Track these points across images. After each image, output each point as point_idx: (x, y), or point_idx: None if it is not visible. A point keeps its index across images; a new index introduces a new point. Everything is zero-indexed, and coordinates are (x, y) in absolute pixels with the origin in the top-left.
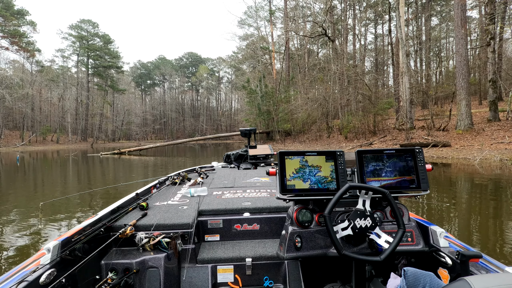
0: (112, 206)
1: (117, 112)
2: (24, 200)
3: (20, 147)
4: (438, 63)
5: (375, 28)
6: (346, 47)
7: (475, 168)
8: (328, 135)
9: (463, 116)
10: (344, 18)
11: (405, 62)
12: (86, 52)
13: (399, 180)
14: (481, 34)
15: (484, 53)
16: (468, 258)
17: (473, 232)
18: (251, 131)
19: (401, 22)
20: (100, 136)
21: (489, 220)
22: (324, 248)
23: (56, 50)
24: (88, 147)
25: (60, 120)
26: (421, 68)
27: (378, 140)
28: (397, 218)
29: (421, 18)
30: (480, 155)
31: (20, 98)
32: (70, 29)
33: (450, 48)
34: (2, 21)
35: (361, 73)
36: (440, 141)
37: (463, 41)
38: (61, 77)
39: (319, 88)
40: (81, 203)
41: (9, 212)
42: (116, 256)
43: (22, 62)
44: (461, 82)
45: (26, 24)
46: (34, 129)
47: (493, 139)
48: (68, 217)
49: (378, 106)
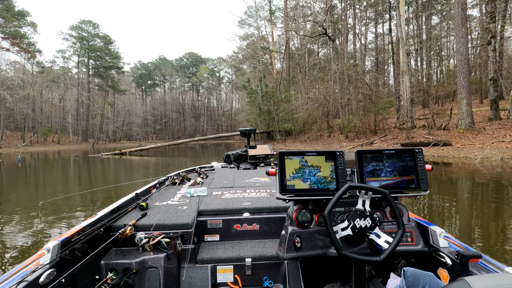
0: (111, 206)
1: (118, 113)
2: (25, 200)
3: (21, 148)
4: (438, 62)
5: (376, 27)
6: (346, 47)
7: (476, 167)
8: (328, 134)
9: (464, 115)
10: (344, 18)
11: (406, 61)
12: (87, 52)
13: (399, 180)
14: (482, 32)
15: (485, 52)
16: (468, 258)
17: (473, 232)
18: (250, 131)
19: (402, 21)
20: (101, 137)
21: (489, 220)
22: (324, 248)
23: (57, 51)
24: (89, 148)
25: (61, 121)
26: (421, 67)
27: (379, 139)
28: (396, 218)
29: (421, 17)
30: (481, 154)
31: (21, 99)
32: (71, 30)
33: (450, 47)
34: (3, 22)
35: (362, 72)
36: (441, 140)
37: (463, 39)
38: (61, 78)
39: (319, 87)
40: (81, 203)
41: (10, 212)
42: (115, 256)
43: (23, 63)
44: (462, 81)
45: (26, 25)
46: (35, 130)
47: (494, 138)
48: (68, 217)
49: (378, 106)
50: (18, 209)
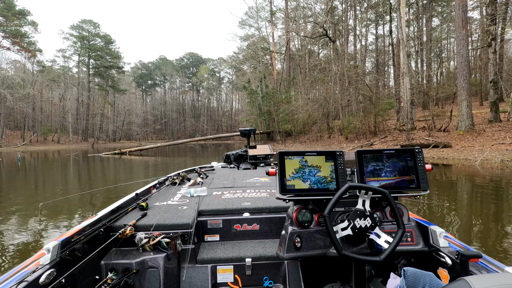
0: (111, 206)
1: (118, 112)
2: (24, 200)
3: (21, 147)
4: (439, 63)
5: (376, 28)
6: (347, 48)
7: (476, 169)
8: (328, 135)
9: (464, 117)
10: (345, 19)
11: (406, 63)
12: (87, 52)
13: (399, 180)
14: (482, 35)
15: (485, 54)
16: (468, 258)
17: (473, 232)
18: (250, 131)
19: (402, 23)
20: (101, 136)
21: (489, 220)
22: (324, 248)
23: (57, 50)
24: (89, 147)
25: (61, 120)
26: (422, 68)
27: (378, 140)
28: (396, 218)
29: (422, 18)
30: (481, 156)
31: (21, 98)
32: (71, 29)
33: (451, 49)
34: (3, 21)
35: (362, 73)
36: (441, 142)
37: (464, 41)
38: (62, 77)
39: (319, 88)
40: (81, 203)
41: (9, 212)
42: (115, 256)
43: (24, 62)
44: (462, 83)
45: (27, 24)
46: (35, 129)
47: (494, 140)
48: (68, 217)
49: (379, 107)
50: (18, 209)
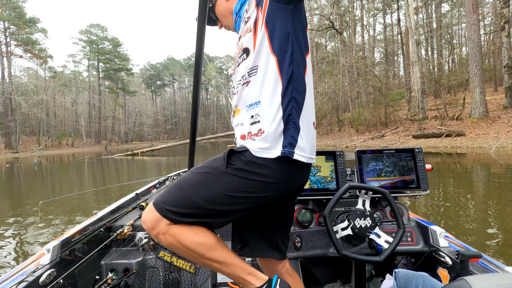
0: (112, 206)
1: (129, 114)
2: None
3: (37, 152)
4: (450, 50)
5: (384, 17)
6: (354, 39)
7: (491, 157)
8: (339, 128)
9: (477, 104)
10: (351, 9)
11: (416, 51)
12: (96, 56)
13: (399, 180)
14: (495, 18)
15: (498, 38)
16: (468, 258)
17: (473, 232)
18: None
19: (410, 10)
20: (113, 138)
21: (490, 220)
22: (324, 248)
23: (68, 55)
24: (102, 150)
25: (74, 124)
26: (432, 56)
27: (390, 132)
28: (396, 218)
29: (431, 5)
30: (496, 143)
31: (35, 104)
32: (80, 34)
33: (462, 35)
34: (15, 30)
35: (371, 64)
36: (454, 131)
37: (475, 26)
38: (73, 81)
39: (328, 81)
40: (83, 203)
41: (28, 215)
42: (116, 256)
43: (36, 69)
44: (475, 69)
45: (38, 32)
46: (49, 134)
47: (510, 127)
48: (68, 218)
49: (389, 97)
50: (35, 211)
